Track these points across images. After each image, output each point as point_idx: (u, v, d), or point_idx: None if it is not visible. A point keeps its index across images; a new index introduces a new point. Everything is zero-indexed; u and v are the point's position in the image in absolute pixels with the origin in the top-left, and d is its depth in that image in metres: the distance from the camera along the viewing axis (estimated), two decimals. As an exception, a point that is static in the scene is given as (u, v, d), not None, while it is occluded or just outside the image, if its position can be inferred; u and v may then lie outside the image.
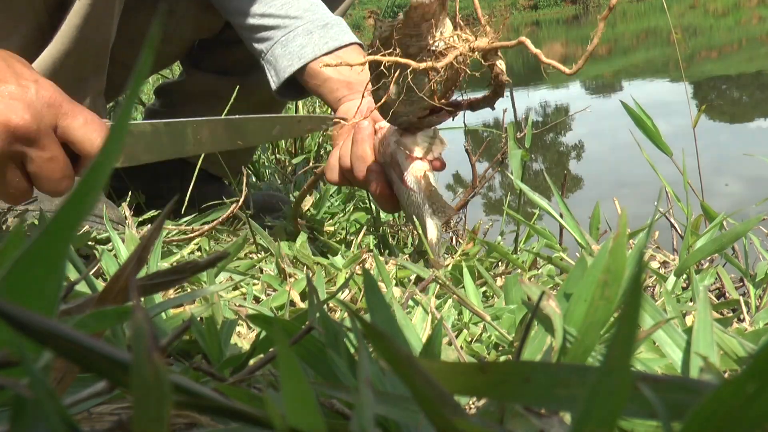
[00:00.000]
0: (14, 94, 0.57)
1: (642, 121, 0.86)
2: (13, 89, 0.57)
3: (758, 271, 0.68)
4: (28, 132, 0.57)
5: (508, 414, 0.27)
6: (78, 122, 0.62)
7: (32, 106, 0.58)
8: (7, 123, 0.56)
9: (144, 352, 0.17)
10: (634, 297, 0.17)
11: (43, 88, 0.59)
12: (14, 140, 0.57)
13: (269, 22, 0.95)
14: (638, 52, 8.38)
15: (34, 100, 0.58)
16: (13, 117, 0.56)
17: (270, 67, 0.96)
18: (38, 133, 0.58)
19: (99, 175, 0.21)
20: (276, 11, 0.95)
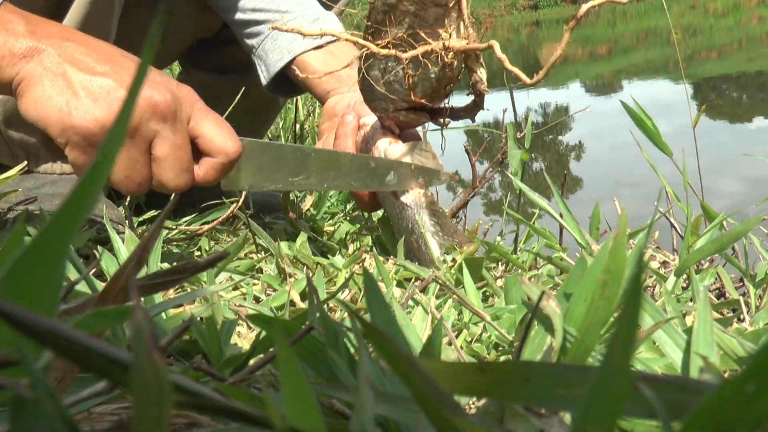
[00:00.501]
0: (158, 81, 0.61)
1: (642, 121, 0.86)
2: (159, 78, 0.62)
3: (758, 271, 0.68)
4: (167, 110, 0.60)
5: (508, 414, 0.27)
6: (210, 118, 0.64)
7: (174, 93, 0.61)
8: (150, 98, 0.59)
9: (144, 352, 0.17)
10: (634, 297, 0.17)
11: (182, 85, 0.64)
12: (153, 116, 0.60)
13: (260, 16, 0.95)
14: (638, 52, 8.38)
15: (175, 89, 0.62)
16: (156, 95, 0.60)
17: (261, 62, 0.96)
18: (176, 115, 0.61)
19: (99, 175, 0.21)
20: (267, 5, 0.95)
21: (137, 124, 0.60)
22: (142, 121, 0.60)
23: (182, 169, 0.63)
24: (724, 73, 5.16)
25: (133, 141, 0.61)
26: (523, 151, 0.84)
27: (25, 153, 0.90)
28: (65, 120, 0.58)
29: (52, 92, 0.59)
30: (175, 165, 0.63)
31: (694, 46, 7.21)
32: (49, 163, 0.91)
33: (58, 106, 0.58)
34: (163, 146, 0.62)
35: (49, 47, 0.59)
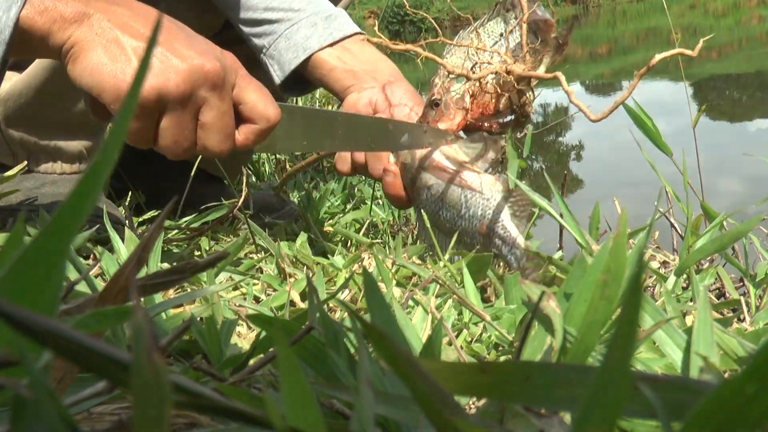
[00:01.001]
0: (206, 51, 0.63)
1: (642, 121, 0.86)
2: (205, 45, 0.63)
3: (758, 271, 0.68)
4: (217, 78, 0.62)
5: (508, 414, 0.27)
6: (253, 85, 0.66)
7: (220, 60, 0.63)
8: (202, 66, 0.61)
9: (144, 352, 0.17)
10: (634, 297, 0.17)
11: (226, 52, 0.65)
12: (203, 83, 0.62)
13: (272, 15, 0.95)
14: (638, 52, 8.38)
15: (221, 57, 0.64)
16: (207, 63, 0.61)
17: (273, 62, 0.95)
18: (224, 82, 0.63)
19: (99, 175, 0.21)
20: (279, 4, 0.95)
21: (190, 91, 0.61)
22: (195, 88, 0.61)
23: (226, 135, 0.65)
24: (724, 73, 5.16)
25: (185, 108, 0.62)
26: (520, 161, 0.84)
27: (25, 152, 0.90)
28: (121, 87, 0.59)
29: (106, 58, 0.59)
30: (220, 131, 0.64)
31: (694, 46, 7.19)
32: (49, 162, 0.91)
33: (113, 72, 0.59)
34: (211, 113, 0.63)
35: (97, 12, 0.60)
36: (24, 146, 0.89)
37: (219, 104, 0.63)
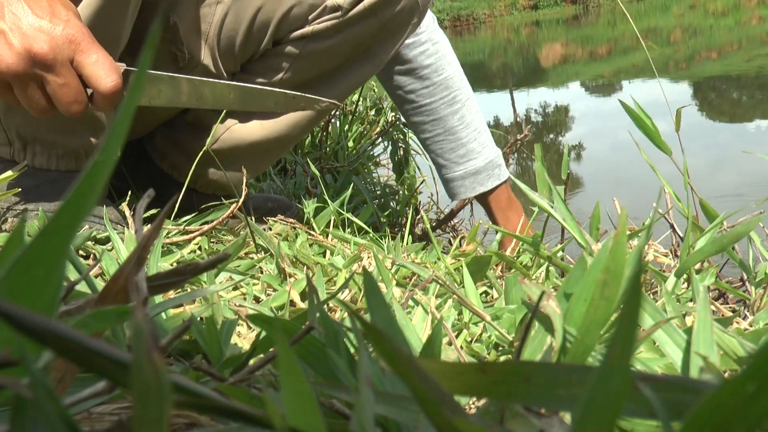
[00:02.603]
0: (42, 28, 0.70)
1: (642, 121, 0.86)
2: (43, 24, 0.70)
3: (759, 271, 0.68)
4: (44, 59, 0.70)
5: (508, 414, 0.27)
6: (90, 59, 0.72)
7: (54, 39, 0.70)
8: (29, 49, 0.69)
9: (144, 352, 0.17)
10: (634, 297, 0.17)
11: (69, 26, 0.71)
12: (34, 64, 0.70)
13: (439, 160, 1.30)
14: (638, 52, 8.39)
15: (58, 35, 0.70)
16: (35, 45, 0.69)
17: (444, 183, 1.31)
18: (54, 61, 0.70)
19: (99, 176, 0.21)
20: (443, 153, 1.28)
21: (23, 71, 0.69)
22: (26, 69, 0.70)
23: (70, 102, 0.73)
24: (724, 73, 5.16)
25: (25, 83, 0.71)
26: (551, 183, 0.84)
27: (21, 143, 0.89)
28: None
29: None
30: (63, 99, 0.72)
31: (694, 46, 7.20)
32: (45, 156, 0.91)
33: None
34: (49, 86, 0.72)
35: None
36: (20, 137, 0.89)
37: (55, 78, 0.71)
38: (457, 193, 1.29)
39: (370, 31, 1.01)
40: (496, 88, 6.88)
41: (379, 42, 1.05)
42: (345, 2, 0.97)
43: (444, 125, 1.27)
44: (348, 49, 1.02)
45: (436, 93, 1.26)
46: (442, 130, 1.27)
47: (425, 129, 1.28)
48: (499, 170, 1.29)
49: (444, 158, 1.29)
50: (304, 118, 1.07)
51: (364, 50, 1.05)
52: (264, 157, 1.10)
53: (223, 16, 0.96)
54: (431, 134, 1.28)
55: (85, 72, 0.73)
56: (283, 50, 1.01)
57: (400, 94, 1.27)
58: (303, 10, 0.98)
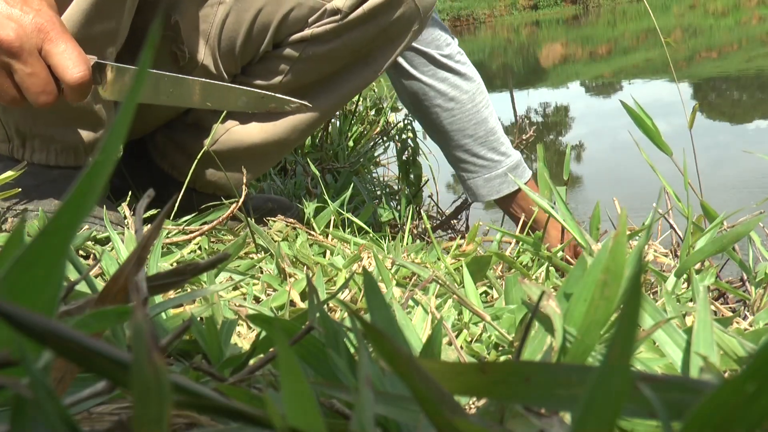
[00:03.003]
0: (11, 16, 0.69)
1: (642, 121, 0.86)
2: (13, 12, 0.69)
3: (759, 271, 0.68)
4: (10, 47, 0.69)
5: (508, 414, 0.27)
6: (58, 49, 0.71)
7: (22, 28, 0.69)
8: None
9: (144, 352, 0.17)
10: (634, 297, 0.17)
11: (39, 15, 0.70)
12: (1, 52, 0.69)
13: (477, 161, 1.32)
14: (638, 52, 8.38)
15: (27, 23, 0.70)
16: (1, 33, 0.68)
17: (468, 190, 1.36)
18: (21, 50, 0.70)
19: (99, 176, 0.21)
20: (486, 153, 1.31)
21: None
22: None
23: (38, 92, 0.72)
24: (724, 73, 5.16)
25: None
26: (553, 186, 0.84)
27: (20, 139, 0.89)
28: None
29: None
30: (30, 89, 0.72)
31: (694, 46, 7.20)
32: (43, 153, 0.91)
33: None
34: (16, 75, 0.72)
35: None
36: (19, 133, 0.89)
37: (21, 67, 0.71)
38: (498, 191, 1.31)
39: (370, 36, 1.02)
40: (496, 88, 6.89)
41: (379, 48, 1.05)
42: (344, 6, 0.97)
43: (485, 127, 1.31)
44: (347, 53, 1.02)
45: (476, 97, 1.30)
46: (483, 132, 1.31)
47: (466, 134, 1.31)
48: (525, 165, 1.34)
49: (485, 159, 1.31)
50: (303, 122, 1.07)
51: (363, 55, 1.05)
52: (262, 159, 1.10)
53: (225, 16, 0.96)
54: (472, 138, 1.31)
55: (53, 62, 0.72)
56: (283, 53, 1.01)
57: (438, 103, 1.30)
58: (303, 13, 0.98)
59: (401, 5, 1.01)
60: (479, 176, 1.32)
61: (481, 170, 1.32)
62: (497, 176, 1.31)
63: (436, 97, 1.30)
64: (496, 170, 1.31)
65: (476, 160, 1.32)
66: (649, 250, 0.82)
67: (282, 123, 1.06)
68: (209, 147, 1.01)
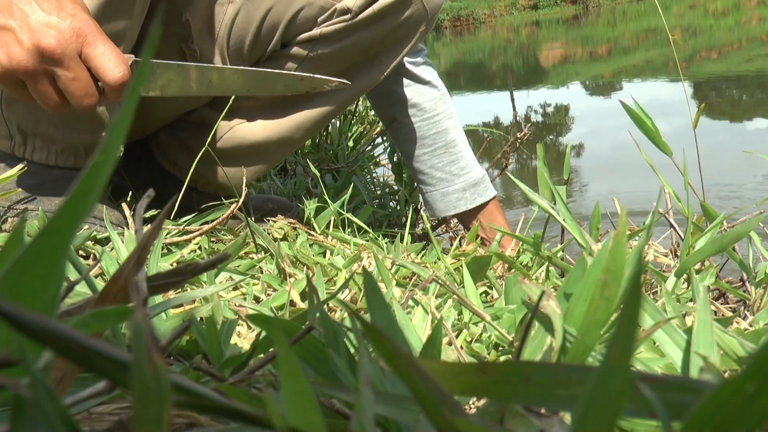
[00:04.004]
0: (50, 23, 0.71)
1: (642, 121, 0.86)
2: (51, 19, 0.71)
3: (759, 271, 0.68)
4: (53, 54, 0.71)
5: (508, 414, 0.27)
6: (97, 51, 0.73)
7: (62, 34, 0.71)
8: (38, 44, 0.70)
9: (144, 352, 0.17)
10: (634, 297, 0.17)
11: (76, 19, 0.72)
12: (43, 60, 0.71)
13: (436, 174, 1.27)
14: (638, 52, 8.38)
15: (65, 29, 0.71)
16: (43, 40, 0.70)
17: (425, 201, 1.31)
18: (62, 56, 0.71)
19: (99, 176, 0.21)
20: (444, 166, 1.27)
21: (33, 67, 0.71)
22: (36, 64, 0.71)
23: (81, 96, 0.74)
24: (724, 73, 5.17)
25: (37, 79, 0.72)
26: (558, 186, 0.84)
27: (21, 137, 0.90)
28: None
29: None
30: (74, 93, 0.73)
31: (694, 46, 7.20)
32: (44, 152, 0.91)
33: None
34: (60, 82, 0.73)
35: None
36: (21, 131, 0.89)
37: (64, 73, 0.72)
38: (455, 207, 1.27)
39: (378, 36, 1.02)
40: (496, 88, 6.88)
41: (387, 48, 1.05)
42: (354, 6, 0.97)
43: (446, 138, 1.27)
44: (356, 53, 1.03)
45: (438, 106, 1.27)
46: (443, 143, 1.27)
47: (425, 143, 1.27)
48: (490, 184, 1.29)
49: (444, 171, 1.27)
50: (307, 121, 1.07)
51: (371, 56, 1.05)
52: (265, 158, 1.10)
53: (234, 15, 0.96)
54: (431, 148, 1.27)
55: (93, 64, 0.73)
56: (291, 52, 1.01)
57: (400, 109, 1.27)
58: (312, 12, 0.98)
59: (410, 6, 1.01)
60: (436, 190, 1.28)
61: (439, 183, 1.27)
62: (454, 191, 1.26)
63: (398, 103, 1.27)
64: (454, 185, 1.26)
65: (433, 172, 1.27)
66: (649, 250, 0.82)
67: (286, 122, 1.06)
68: (212, 144, 1.01)
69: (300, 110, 1.07)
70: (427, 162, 1.27)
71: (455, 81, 7.56)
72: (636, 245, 0.46)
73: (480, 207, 1.27)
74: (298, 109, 1.07)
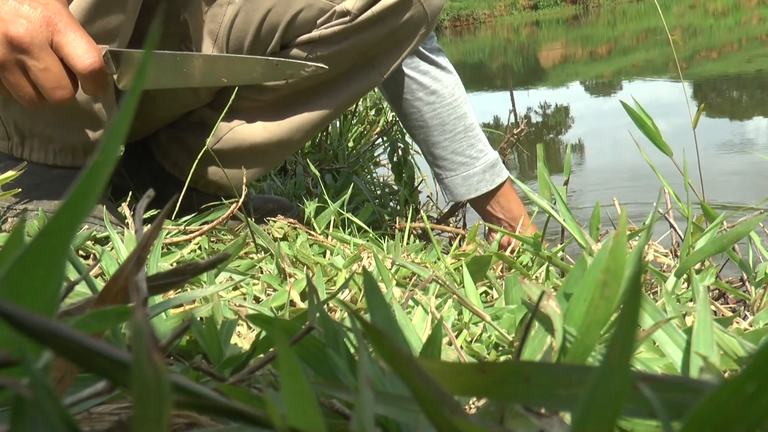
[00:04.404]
0: (20, 12, 0.69)
1: (642, 121, 0.86)
2: (21, 8, 0.70)
3: (759, 271, 0.68)
4: (21, 43, 0.69)
5: (508, 414, 0.27)
6: (67, 39, 0.71)
7: (32, 23, 0.69)
8: (6, 33, 0.69)
9: (144, 352, 0.17)
10: (634, 297, 0.17)
11: (47, 8, 0.70)
12: (12, 49, 0.70)
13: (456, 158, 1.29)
14: (638, 52, 8.38)
15: (36, 17, 0.70)
16: (11, 29, 0.69)
17: (446, 188, 1.33)
18: (32, 45, 0.70)
19: (99, 176, 0.21)
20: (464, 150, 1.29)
21: (2, 58, 0.70)
22: (5, 54, 0.70)
23: (52, 87, 0.72)
24: (724, 73, 5.16)
25: (8, 70, 0.71)
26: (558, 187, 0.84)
27: (19, 137, 0.89)
28: None
29: None
30: (46, 84, 0.72)
31: (694, 46, 7.20)
32: (42, 152, 0.91)
33: None
34: (31, 73, 0.71)
35: None
36: (18, 131, 0.89)
37: (34, 63, 0.71)
38: (477, 189, 1.29)
39: (378, 39, 1.02)
40: (496, 88, 6.88)
41: (386, 50, 1.05)
42: (354, 8, 0.97)
43: (464, 122, 1.29)
44: (355, 55, 1.03)
45: (456, 91, 1.28)
46: (462, 127, 1.29)
47: (446, 129, 1.28)
48: (503, 164, 1.32)
49: (464, 156, 1.29)
50: (307, 123, 1.07)
51: (370, 58, 1.05)
52: (264, 159, 1.10)
53: (234, 16, 0.96)
54: (452, 134, 1.28)
55: (64, 53, 0.71)
56: (290, 53, 1.01)
57: (420, 96, 1.28)
58: (312, 14, 0.98)
59: (410, 8, 1.01)
60: (457, 174, 1.29)
61: (460, 168, 1.29)
62: (475, 174, 1.29)
63: (418, 90, 1.28)
64: (474, 168, 1.29)
65: (455, 157, 1.29)
66: (649, 250, 0.82)
67: (286, 123, 1.06)
68: (212, 145, 1.01)
69: (300, 112, 1.07)
70: (448, 147, 1.29)
71: (455, 81, 7.53)
72: (636, 245, 0.46)
73: (498, 188, 1.30)
74: (298, 111, 1.07)
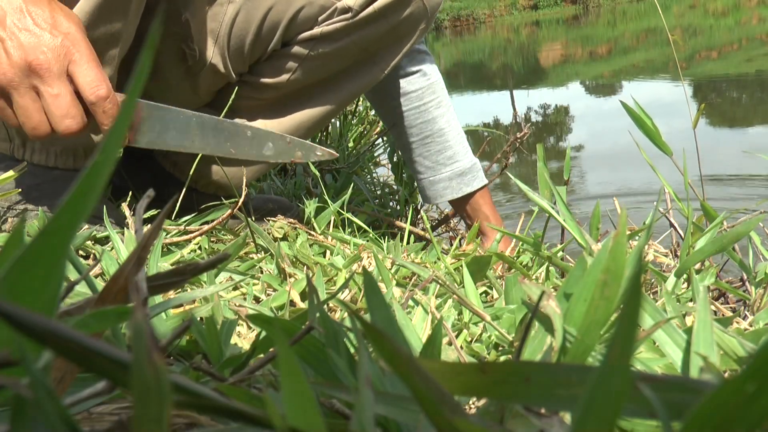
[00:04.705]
0: (42, 41, 0.71)
1: (642, 121, 0.86)
2: (43, 35, 0.72)
3: (759, 271, 0.68)
4: (39, 68, 0.71)
5: (508, 414, 0.27)
6: (81, 69, 0.73)
7: (52, 51, 0.72)
8: (26, 59, 0.71)
9: (144, 352, 0.17)
10: (634, 297, 0.17)
11: (68, 38, 0.72)
12: (29, 74, 0.72)
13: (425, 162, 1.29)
14: (638, 52, 8.38)
15: (56, 47, 0.72)
16: (31, 56, 0.71)
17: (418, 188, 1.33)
18: (48, 72, 0.72)
19: (99, 176, 0.21)
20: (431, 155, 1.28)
21: (17, 81, 0.71)
22: (21, 78, 0.71)
23: (62, 115, 0.73)
24: (724, 73, 5.16)
25: (20, 93, 0.72)
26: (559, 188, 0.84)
27: (21, 139, 0.89)
28: None
29: None
30: (56, 111, 0.73)
31: (694, 46, 7.20)
32: (43, 154, 0.91)
33: None
34: (42, 98, 0.73)
35: None
36: (20, 133, 0.89)
37: (48, 90, 0.72)
38: (442, 195, 1.29)
39: (379, 35, 1.02)
40: (496, 88, 6.88)
41: (387, 46, 1.05)
42: (355, 4, 0.98)
43: (432, 127, 1.27)
44: (356, 51, 1.03)
45: (425, 96, 1.27)
46: (430, 132, 1.27)
47: (413, 132, 1.28)
48: (481, 173, 1.30)
49: (431, 160, 1.29)
50: (308, 120, 1.08)
51: (372, 54, 1.05)
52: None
53: (235, 15, 0.96)
54: (419, 137, 1.28)
55: (76, 82, 0.73)
56: (292, 51, 1.01)
57: (390, 98, 1.27)
58: (313, 11, 0.98)
59: (410, 4, 1.01)
60: (425, 178, 1.30)
61: (427, 171, 1.29)
62: (441, 180, 1.28)
63: (388, 92, 1.28)
64: (440, 174, 1.28)
65: (421, 160, 1.29)
66: (649, 250, 0.82)
67: (287, 121, 1.07)
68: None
69: (300, 109, 1.07)
70: (416, 150, 1.29)
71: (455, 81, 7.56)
72: (636, 245, 0.46)
73: (468, 196, 1.29)
74: (298, 109, 1.07)
